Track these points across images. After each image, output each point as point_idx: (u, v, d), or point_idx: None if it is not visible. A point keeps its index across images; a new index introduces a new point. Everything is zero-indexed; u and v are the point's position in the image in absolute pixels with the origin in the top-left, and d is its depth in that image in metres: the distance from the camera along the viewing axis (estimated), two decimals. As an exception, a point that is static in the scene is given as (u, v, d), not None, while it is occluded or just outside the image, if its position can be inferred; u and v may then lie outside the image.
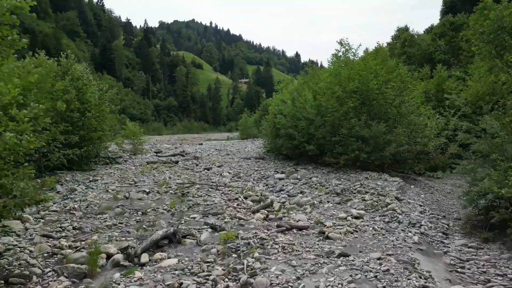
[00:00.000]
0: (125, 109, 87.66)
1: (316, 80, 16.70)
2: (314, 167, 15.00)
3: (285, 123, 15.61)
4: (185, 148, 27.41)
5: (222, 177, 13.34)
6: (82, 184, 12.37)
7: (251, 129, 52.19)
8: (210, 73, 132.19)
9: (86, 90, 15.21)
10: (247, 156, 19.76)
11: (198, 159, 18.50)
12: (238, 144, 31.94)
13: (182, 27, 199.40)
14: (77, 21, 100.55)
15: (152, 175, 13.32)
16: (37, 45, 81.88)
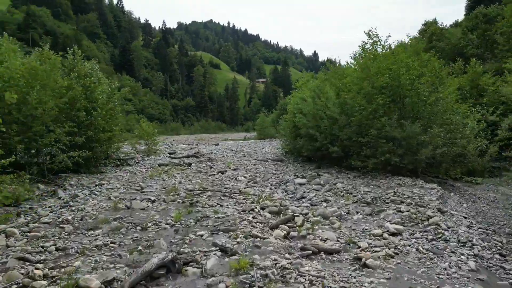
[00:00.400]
0: (144, 109, 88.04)
1: (339, 76, 15.26)
2: (338, 171, 13.59)
3: (306, 122, 14.26)
4: (201, 148, 26.39)
5: (237, 182, 12.12)
6: (86, 188, 11.41)
7: (268, 129, 50.90)
8: (228, 73, 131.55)
9: (94, 88, 14.30)
10: (264, 158, 18.49)
11: (213, 161, 17.36)
12: (255, 144, 30.72)
13: (200, 28, 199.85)
14: (97, 22, 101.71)
15: (162, 179, 12.23)
16: (58, 46, 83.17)
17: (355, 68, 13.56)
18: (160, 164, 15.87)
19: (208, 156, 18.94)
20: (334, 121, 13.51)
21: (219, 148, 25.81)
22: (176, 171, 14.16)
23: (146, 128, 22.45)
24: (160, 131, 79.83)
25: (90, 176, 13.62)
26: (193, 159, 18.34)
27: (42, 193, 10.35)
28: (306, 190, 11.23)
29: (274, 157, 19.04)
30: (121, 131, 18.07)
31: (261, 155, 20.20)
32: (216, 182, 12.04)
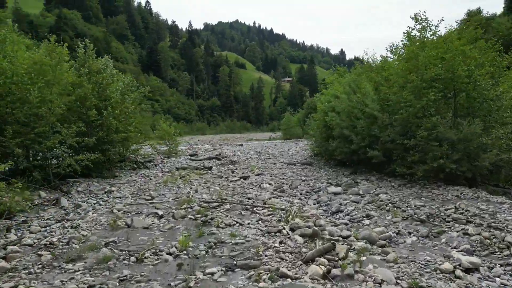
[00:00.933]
0: (170, 109, 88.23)
1: (377, 69, 13.31)
2: (378, 178, 11.67)
3: (340, 122, 12.43)
4: (224, 149, 24.99)
5: (261, 190, 10.49)
6: (93, 196, 10.14)
7: (294, 128, 49.05)
8: (253, 73, 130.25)
9: (106, 85, 13.09)
10: (291, 161, 16.77)
11: (235, 164, 15.83)
12: (281, 145, 29.00)
13: (226, 28, 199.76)
14: (126, 24, 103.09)
15: (177, 186, 10.78)
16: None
17: (399, 58, 11.59)
18: (178, 168, 14.50)
19: (230, 159, 17.43)
20: (373, 120, 11.62)
21: (243, 149, 24.30)
22: (195, 176, 12.72)
23: (167, 128, 21.27)
24: (185, 131, 79.92)
25: (101, 181, 12.42)
26: (214, 162, 16.89)
27: (42, 202, 9.16)
28: (342, 201, 9.45)
29: (302, 160, 17.27)
30: (139, 131, 16.91)
31: (287, 158, 18.48)
32: (237, 190, 10.46)
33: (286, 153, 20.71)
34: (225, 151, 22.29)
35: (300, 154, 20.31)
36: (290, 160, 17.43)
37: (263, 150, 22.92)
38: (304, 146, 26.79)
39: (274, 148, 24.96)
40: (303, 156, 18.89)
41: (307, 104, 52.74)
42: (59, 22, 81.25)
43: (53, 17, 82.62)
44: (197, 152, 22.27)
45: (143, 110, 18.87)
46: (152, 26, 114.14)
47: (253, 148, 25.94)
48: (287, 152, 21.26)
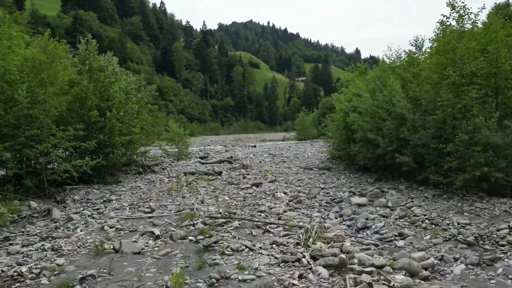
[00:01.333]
0: (184, 109, 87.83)
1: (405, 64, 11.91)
2: (407, 186, 10.30)
3: (363, 124, 11.10)
4: (237, 151, 23.88)
5: (275, 200, 9.29)
6: (90, 206, 9.14)
7: (309, 129, 47.59)
8: (267, 72, 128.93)
9: (109, 84, 12.11)
10: (308, 165, 15.50)
11: (247, 169, 14.66)
12: (296, 146, 27.71)
13: (240, 28, 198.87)
14: (141, 25, 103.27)
15: (182, 195, 9.68)
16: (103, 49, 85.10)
17: (432, 52, 10.18)
18: (185, 173, 13.43)
19: (242, 162, 16.27)
20: (401, 121, 10.27)
21: (256, 151, 23.12)
22: (202, 182, 11.61)
23: (176, 129, 20.28)
24: (199, 131, 79.28)
25: (103, 187, 11.44)
26: (225, 166, 15.78)
27: (31, 214, 8.18)
28: (369, 215, 8.15)
29: (319, 164, 15.98)
30: (147, 133, 15.94)
31: (303, 161, 17.21)
32: (249, 200, 9.28)
33: (302, 156, 19.44)
34: (237, 154, 21.17)
35: (317, 157, 19.01)
36: (306, 164, 16.16)
37: (277, 152, 21.70)
38: (320, 147, 25.44)
39: (289, 150, 23.69)
40: (320, 160, 17.59)
41: (322, 103, 51.20)
42: (75, 23, 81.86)
43: (69, 18, 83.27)
44: (208, 155, 21.22)
45: (151, 111, 17.88)
46: (167, 27, 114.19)
47: (266, 149, 24.75)
48: (303, 155, 19.98)
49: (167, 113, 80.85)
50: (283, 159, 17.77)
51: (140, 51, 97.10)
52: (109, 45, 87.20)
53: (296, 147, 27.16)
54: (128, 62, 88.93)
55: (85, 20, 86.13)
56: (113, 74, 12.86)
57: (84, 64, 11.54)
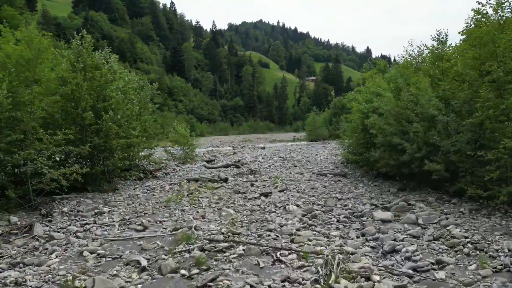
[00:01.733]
0: (194, 109, 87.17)
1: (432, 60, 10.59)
2: (437, 198, 9.01)
3: (385, 127, 9.84)
4: (245, 153, 22.75)
5: (286, 214, 8.10)
6: (79, 220, 8.11)
7: (320, 129, 46.24)
8: (277, 72, 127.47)
9: (105, 83, 11.09)
10: (321, 171, 14.26)
11: (255, 174, 13.51)
12: (307, 148, 26.44)
13: (250, 28, 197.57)
14: (151, 25, 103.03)
15: (181, 207, 8.58)
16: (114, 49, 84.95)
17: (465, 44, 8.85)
18: (189, 179, 12.33)
19: (250, 167, 15.12)
20: (430, 124, 9.00)
21: (265, 154, 21.94)
22: (206, 191, 10.49)
23: (182, 131, 19.24)
24: (208, 132, 78.44)
25: (98, 195, 10.43)
26: (231, 171, 14.65)
27: (8, 231, 7.17)
28: (397, 235, 6.91)
29: (334, 169, 14.74)
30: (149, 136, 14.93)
31: (316, 165, 15.97)
32: (256, 214, 8.12)
33: (314, 159, 18.18)
34: (245, 156, 20.02)
35: (330, 160, 17.74)
36: (319, 168, 14.93)
37: (287, 155, 20.48)
38: (333, 150, 24.15)
39: (300, 152, 22.45)
40: (334, 164, 16.33)
41: (334, 103, 49.73)
42: (85, 24, 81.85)
43: (80, 19, 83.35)
44: (215, 157, 20.13)
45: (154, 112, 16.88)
46: (177, 27, 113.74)
47: (276, 151, 23.55)
48: (315, 158, 18.72)
49: (176, 113, 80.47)
50: (294, 163, 16.55)
51: (150, 51, 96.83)
52: (119, 45, 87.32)
53: (307, 149, 25.89)
54: (138, 63, 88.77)
55: (95, 20, 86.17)
56: (112, 73, 11.83)
57: (78, 62, 10.52)
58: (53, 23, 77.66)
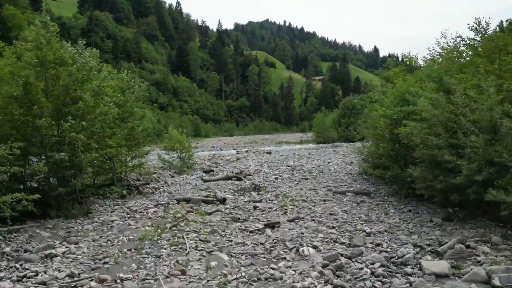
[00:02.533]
0: (199, 110, 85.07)
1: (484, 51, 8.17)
2: (503, 234, 6.62)
3: (431, 138, 7.43)
4: (249, 160, 20.46)
5: (300, 263, 5.79)
6: (19, 268, 5.90)
7: (329, 131, 43.77)
8: (283, 72, 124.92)
9: (74, 83, 8.86)
10: (338, 186, 11.87)
11: (259, 191, 11.20)
12: (317, 153, 24.04)
13: (256, 28, 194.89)
14: (156, 25, 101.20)
15: (157, 251, 6.29)
16: (118, 49, 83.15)
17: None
18: (178, 200, 10.06)
19: (253, 181, 12.80)
20: (492, 136, 6.62)
21: (271, 160, 19.60)
22: (196, 220, 8.20)
23: (177, 136, 17.01)
24: (213, 132, 76.22)
25: (61, 224, 8.21)
26: (232, 184, 12.37)
27: None
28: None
29: (352, 182, 12.36)
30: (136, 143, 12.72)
31: (330, 178, 13.59)
32: (258, 261, 5.81)
33: (327, 169, 15.79)
34: (249, 164, 17.70)
35: (345, 170, 15.33)
36: (335, 182, 12.56)
37: (296, 163, 18.12)
38: (346, 155, 21.73)
39: (309, 159, 20.08)
40: (351, 176, 13.93)
41: (343, 103, 47.20)
42: (90, 23, 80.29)
43: (85, 19, 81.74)
44: (216, 165, 17.86)
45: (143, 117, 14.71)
46: (182, 27, 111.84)
47: (283, 157, 21.21)
48: (328, 167, 16.33)
49: (181, 114, 78.46)
50: (304, 175, 14.18)
51: (155, 51, 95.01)
52: (124, 45, 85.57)
53: (317, 154, 23.49)
54: (143, 62, 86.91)
55: (100, 20, 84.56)
56: (86, 70, 9.58)
57: (37, 56, 8.28)
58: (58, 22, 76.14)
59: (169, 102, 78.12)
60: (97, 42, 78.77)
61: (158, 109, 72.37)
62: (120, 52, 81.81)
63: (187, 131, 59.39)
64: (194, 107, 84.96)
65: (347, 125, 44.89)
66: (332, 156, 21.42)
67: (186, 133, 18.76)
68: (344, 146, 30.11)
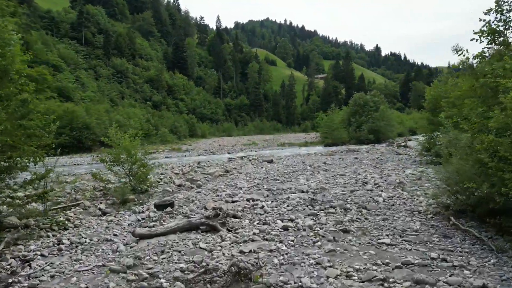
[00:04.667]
0: (196, 108, 78.37)
1: None
2: None
3: None
4: (242, 174, 13.80)
5: None
6: None
7: (338, 131, 36.89)
8: (284, 70, 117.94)
9: None
10: (427, 261, 5.22)
11: (245, 281, 4.59)
12: (333, 162, 17.34)
13: (256, 26, 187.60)
14: (152, 21, 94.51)
15: None
16: (110, 44, 76.35)
17: None
18: None
19: (239, 241, 6.04)
20: None
21: (274, 176, 12.92)
22: None
23: (123, 142, 10.26)
24: (210, 132, 69.35)
25: None
26: (197, 241, 5.67)
27: None
28: None
29: (448, 244, 5.66)
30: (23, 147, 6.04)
31: (388, 226, 6.85)
32: None
33: (370, 198, 9.00)
34: (240, 185, 11.00)
35: (404, 201, 8.58)
36: (410, 244, 5.83)
37: (312, 180, 11.43)
38: (375, 163, 15.08)
39: (328, 172, 13.40)
40: (425, 219, 7.18)
41: (354, 100, 40.37)
42: (80, 17, 73.53)
43: (75, 13, 74.95)
44: (191, 185, 11.13)
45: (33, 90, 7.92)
46: (180, 23, 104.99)
47: (290, 170, 14.52)
48: (368, 194, 9.54)
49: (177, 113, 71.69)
50: (337, 218, 7.39)
51: (150, 47, 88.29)
52: (116, 40, 78.80)
53: (334, 163, 16.79)
54: (137, 59, 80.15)
55: (91, 14, 77.77)
56: None
57: None
58: (46, 16, 69.54)
59: (163, 100, 71.37)
60: (88, 37, 72.14)
61: (152, 108, 65.81)
62: (112, 47, 74.95)
63: (166, 132, 51.53)
64: (190, 106, 78.24)
65: (359, 124, 38.19)
66: (359, 168, 14.69)
67: (144, 134, 12.06)
68: (365, 151, 23.40)
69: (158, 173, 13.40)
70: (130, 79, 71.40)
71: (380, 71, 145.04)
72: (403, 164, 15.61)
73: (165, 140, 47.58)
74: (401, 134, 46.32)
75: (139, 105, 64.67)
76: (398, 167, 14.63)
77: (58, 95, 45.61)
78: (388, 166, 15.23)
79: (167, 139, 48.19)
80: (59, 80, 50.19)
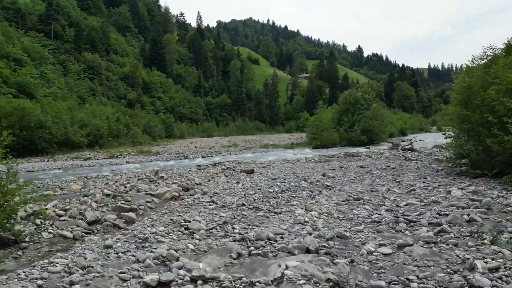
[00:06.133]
0: (174, 107, 72.80)
1: None
2: None
3: None
4: (206, 197, 8.94)
5: None
6: None
7: (328, 132, 32.34)
8: (267, 68, 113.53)
9: None
10: None
11: None
12: (333, 172, 12.73)
13: (239, 26, 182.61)
14: (129, 16, 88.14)
15: None
16: (82, 39, 69.67)
17: None
18: None
19: None
20: None
21: (251, 195, 8.15)
22: None
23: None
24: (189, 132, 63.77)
25: None
26: None
27: None
28: None
29: None
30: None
31: None
32: None
33: (445, 263, 4.37)
34: (174, 265, 6.17)
35: None
36: None
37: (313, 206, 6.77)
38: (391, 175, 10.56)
39: (334, 189, 8.78)
40: None
41: (344, 97, 36.09)
42: (49, 9, 66.59)
43: (44, 5, 67.91)
44: (109, 228, 6.22)
45: None
46: (159, 19, 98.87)
47: (277, 186, 9.82)
48: (431, 241, 4.91)
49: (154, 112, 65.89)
50: None
51: (126, 43, 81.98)
52: (89, 34, 72.23)
53: (338, 176, 12.18)
54: (112, 54, 73.83)
55: (61, 7, 70.90)
56: None
57: None
58: (12, 8, 62.40)
59: (138, 98, 65.39)
60: (57, 31, 65.33)
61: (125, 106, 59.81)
62: (84, 42, 68.32)
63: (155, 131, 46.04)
64: (168, 105, 72.55)
65: (351, 124, 33.97)
66: (374, 183, 10.09)
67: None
68: (366, 155, 18.94)
69: (65, 198, 8.37)
70: (103, 76, 65.06)
71: (363, 71, 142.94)
72: (430, 176, 11.16)
73: (136, 141, 42.10)
74: (392, 135, 42.71)
75: (112, 103, 58.51)
76: (428, 182, 10.16)
77: (17, 91, 39.71)
78: (410, 179, 10.76)
79: (138, 140, 42.71)
80: (19, 75, 43.83)
